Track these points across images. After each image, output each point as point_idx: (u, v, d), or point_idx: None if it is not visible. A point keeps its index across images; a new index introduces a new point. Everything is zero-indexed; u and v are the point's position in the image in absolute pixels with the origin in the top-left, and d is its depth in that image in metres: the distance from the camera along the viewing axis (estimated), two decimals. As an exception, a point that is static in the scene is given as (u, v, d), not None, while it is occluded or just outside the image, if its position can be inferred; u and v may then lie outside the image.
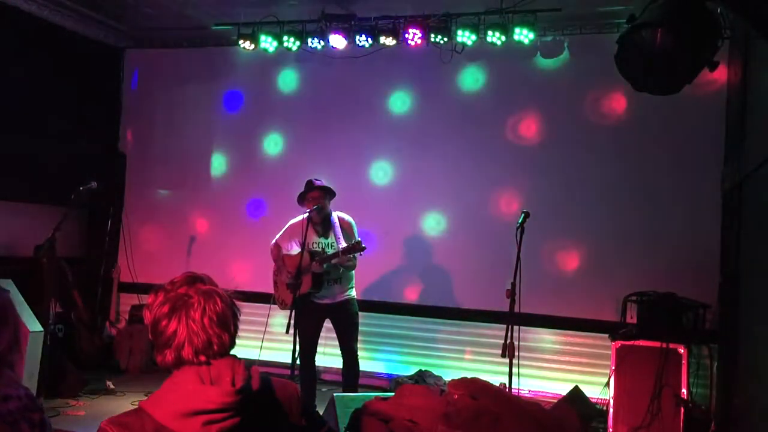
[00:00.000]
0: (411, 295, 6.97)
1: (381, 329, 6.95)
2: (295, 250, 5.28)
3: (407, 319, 6.95)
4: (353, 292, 5.40)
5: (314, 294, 5.22)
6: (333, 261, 5.12)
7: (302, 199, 5.25)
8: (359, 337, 5.49)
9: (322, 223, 5.27)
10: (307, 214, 5.11)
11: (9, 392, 1.78)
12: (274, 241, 5.46)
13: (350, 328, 5.34)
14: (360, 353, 5.45)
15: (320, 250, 5.21)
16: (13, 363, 1.90)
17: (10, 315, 1.89)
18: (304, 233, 5.09)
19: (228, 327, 1.79)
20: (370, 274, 6.40)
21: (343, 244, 5.15)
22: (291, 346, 5.08)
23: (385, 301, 6.92)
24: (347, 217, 5.39)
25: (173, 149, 7.86)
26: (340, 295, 5.29)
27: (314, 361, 5.35)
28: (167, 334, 1.75)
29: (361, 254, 5.13)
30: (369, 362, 6.68)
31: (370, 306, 6.65)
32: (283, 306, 5.36)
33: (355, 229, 5.35)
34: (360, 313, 5.49)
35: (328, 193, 5.24)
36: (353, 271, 5.38)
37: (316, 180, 5.28)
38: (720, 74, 5.72)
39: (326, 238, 5.26)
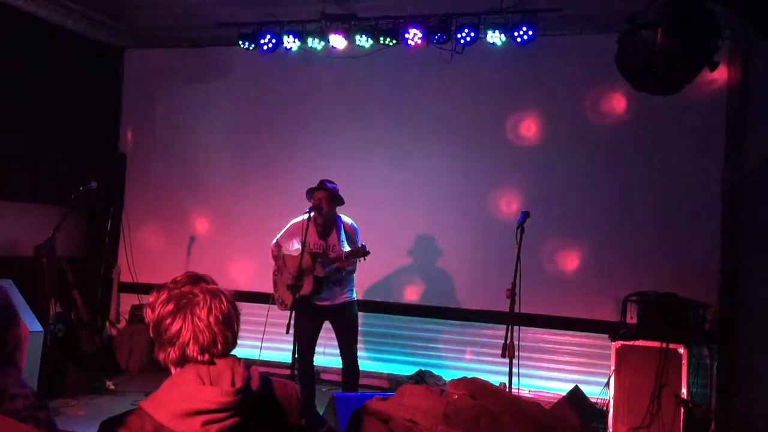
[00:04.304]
0: (411, 295, 6.97)
1: (381, 329, 6.95)
2: (295, 248, 5.27)
3: (407, 319, 6.95)
4: (353, 294, 5.37)
5: (316, 296, 5.21)
6: (335, 265, 5.11)
7: (309, 195, 5.25)
8: (359, 338, 5.48)
9: (324, 225, 5.26)
10: (308, 213, 5.09)
11: (16, 391, 1.79)
12: (275, 240, 5.45)
13: (350, 331, 5.33)
14: (360, 353, 5.45)
15: (321, 251, 5.20)
16: (18, 362, 1.91)
17: (16, 313, 1.91)
18: (304, 233, 5.08)
19: (232, 326, 1.80)
20: (370, 274, 6.39)
21: (347, 248, 5.14)
22: (291, 346, 5.07)
23: (386, 301, 6.92)
24: (351, 222, 5.37)
25: (173, 149, 7.86)
26: (339, 297, 5.27)
27: (312, 361, 5.34)
28: (171, 333, 1.75)
29: (364, 259, 5.11)
30: (369, 362, 6.68)
31: (370, 306, 6.66)
32: (283, 306, 5.34)
33: (358, 235, 5.34)
34: (360, 314, 5.49)
35: (335, 198, 5.22)
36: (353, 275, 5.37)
37: (329, 183, 5.25)
38: (720, 74, 5.73)
39: (327, 239, 5.25)
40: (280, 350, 6.27)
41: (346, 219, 5.36)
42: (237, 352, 1.82)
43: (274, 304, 5.44)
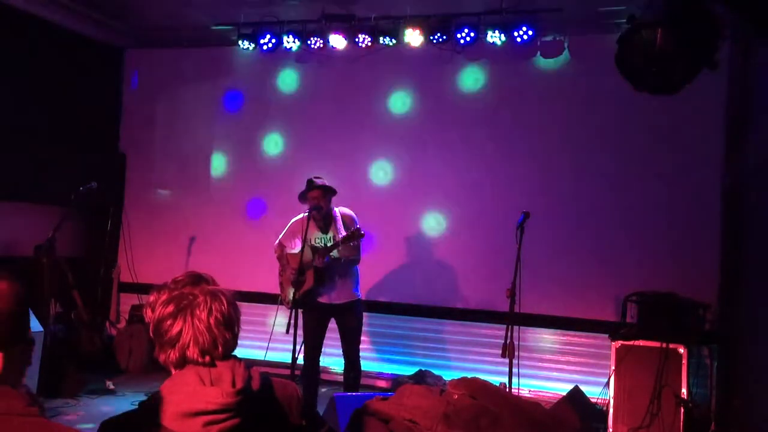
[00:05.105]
0: (411, 295, 6.96)
1: (381, 329, 6.95)
2: (299, 248, 5.27)
3: (407, 318, 6.95)
4: (358, 292, 5.36)
5: (318, 291, 5.20)
6: (333, 253, 5.10)
7: (303, 198, 5.25)
8: (361, 338, 5.47)
9: (323, 219, 5.26)
10: (308, 213, 5.10)
11: None
12: (277, 240, 5.45)
13: (354, 331, 5.32)
14: (361, 353, 5.44)
15: (322, 245, 5.20)
16: None
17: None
18: (304, 230, 5.08)
19: (232, 327, 1.79)
20: (370, 273, 6.39)
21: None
22: (291, 346, 5.07)
23: (386, 301, 6.92)
24: (348, 211, 5.37)
25: (173, 149, 7.86)
26: (345, 295, 5.25)
27: (318, 362, 5.33)
28: (171, 334, 1.74)
29: (361, 239, 5.07)
30: (370, 362, 6.67)
31: (370, 306, 6.63)
32: (289, 305, 5.33)
33: (357, 223, 5.33)
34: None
35: (329, 192, 5.23)
36: (357, 270, 5.35)
37: (317, 178, 5.24)
38: (720, 74, 5.71)
39: (328, 233, 5.26)
40: (287, 351, 6.25)
41: (343, 209, 5.35)
42: (242, 353, 1.82)
43: (282, 304, 5.41)
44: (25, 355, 1.59)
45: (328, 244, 5.18)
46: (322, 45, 6.62)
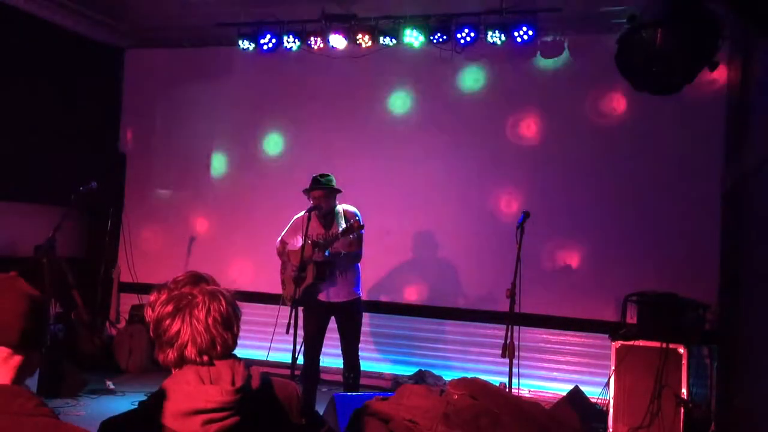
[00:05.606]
0: (411, 295, 6.97)
1: (381, 329, 6.95)
2: (301, 244, 5.26)
3: (407, 318, 6.95)
4: (359, 290, 5.35)
5: (318, 287, 5.19)
6: (332, 248, 5.09)
7: (307, 194, 5.26)
8: (360, 337, 5.48)
9: (325, 217, 5.26)
10: (308, 212, 5.10)
11: None
12: (279, 237, 5.45)
13: (353, 330, 5.31)
14: (360, 353, 5.44)
15: (323, 241, 5.20)
16: None
17: None
18: (305, 227, 5.08)
19: (231, 327, 1.79)
20: (370, 273, 6.38)
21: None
22: (291, 346, 5.07)
23: (386, 301, 6.92)
24: (351, 208, 5.36)
25: (173, 149, 7.86)
26: (345, 293, 5.24)
27: (318, 362, 5.32)
28: (170, 334, 1.74)
29: (360, 230, 5.07)
30: (370, 362, 6.67)
31: (370, 306, 6.64)
32: (291, 303, 5.31)
33: (360, 219, 5.32)
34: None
35: (332, 192, 5.23)
36: (359, 268, 5.34)
37: (323, 177, 5.23)
38: (720, 74, 5.72)
39: (330, 230, 5.25)
40: (288, 351, 6.25)
41: (346, 207, 5.34)
42: (243, 353, 1.81)
43: (284, 304, 5.35)
44: (38, 362, 1.63)
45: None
46: (322, 45, 6.62)
